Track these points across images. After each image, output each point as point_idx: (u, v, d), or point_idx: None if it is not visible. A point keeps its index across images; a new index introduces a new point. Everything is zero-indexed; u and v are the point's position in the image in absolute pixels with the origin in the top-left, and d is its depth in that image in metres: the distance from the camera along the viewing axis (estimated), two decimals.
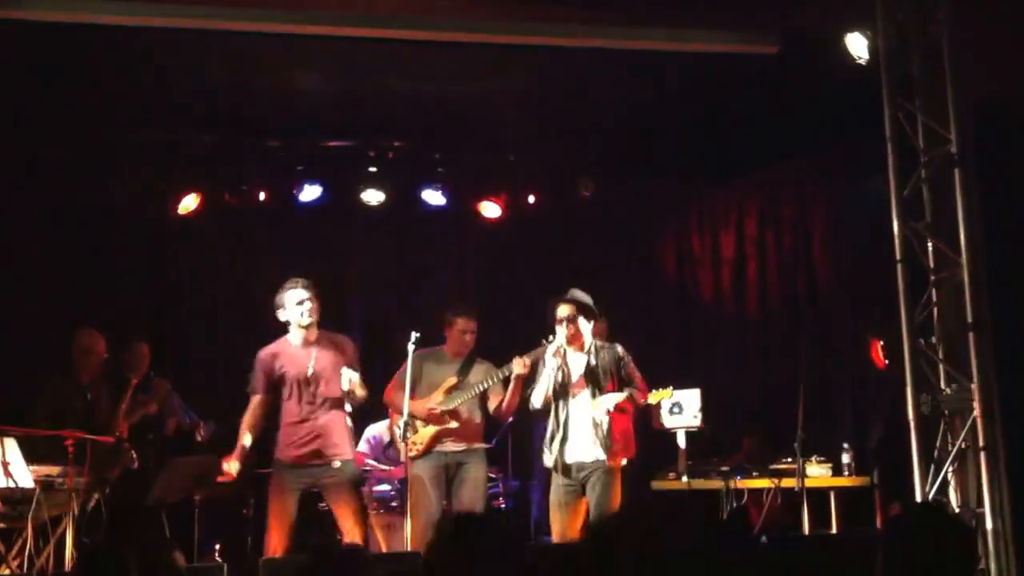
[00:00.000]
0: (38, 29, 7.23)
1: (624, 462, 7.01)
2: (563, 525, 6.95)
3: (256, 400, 6.92)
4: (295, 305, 6.85)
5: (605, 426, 6.90)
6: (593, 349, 7.08)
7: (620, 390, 7.00)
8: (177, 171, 9.39)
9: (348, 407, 7.00)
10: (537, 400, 7.10)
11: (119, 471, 7.22)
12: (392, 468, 8.12)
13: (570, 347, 7.06)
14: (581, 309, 7.07)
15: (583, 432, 6.96)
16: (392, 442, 7.71)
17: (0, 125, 8.12)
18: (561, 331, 7.00)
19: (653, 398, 7.09)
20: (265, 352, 6.94)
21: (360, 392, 6.84)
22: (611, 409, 6.90)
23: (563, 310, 7.05)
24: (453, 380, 7.39)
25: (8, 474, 6.25)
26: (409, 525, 6.73)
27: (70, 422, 7.05)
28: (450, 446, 7.34)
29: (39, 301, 8.66)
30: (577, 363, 7.08)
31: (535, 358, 7.14)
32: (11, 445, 6.37)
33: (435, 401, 7.31)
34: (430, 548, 3.17)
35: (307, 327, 6.89)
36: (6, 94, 7.84)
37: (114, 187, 9.14)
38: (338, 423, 6.91)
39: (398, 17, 7.44)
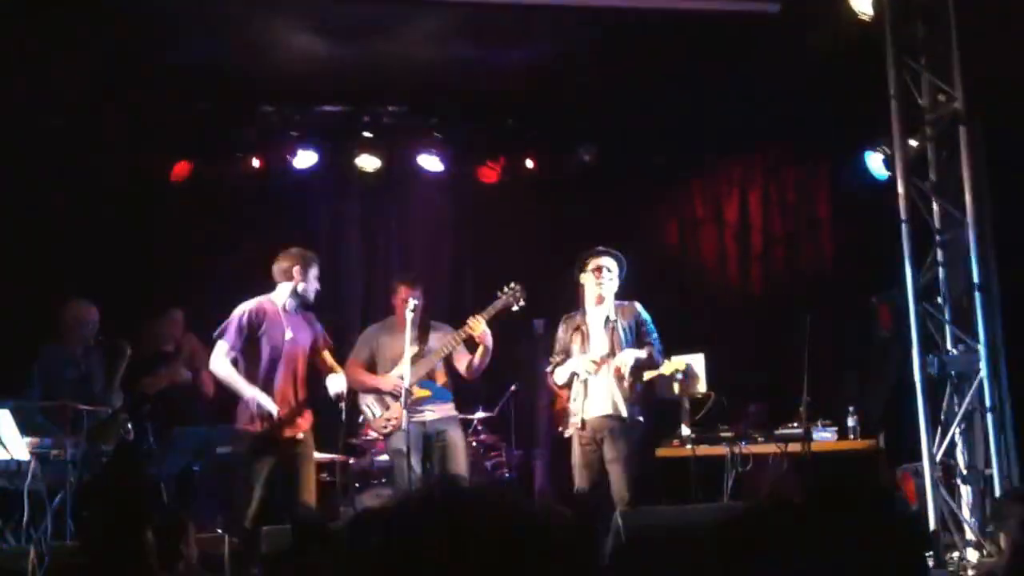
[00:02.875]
0: None
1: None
2: (589, 485, 6.89)
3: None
4: (314, 280, 6.80)
5: (626, 383, 6.84)
6: (613, 305, 7.01)
7: (640, 348, 6.94)
8: (169, 138, 9.26)
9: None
10: (561, 379, 7.04)
11: (115, 443, 7.16)
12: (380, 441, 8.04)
13: (593, 300, 6.98)
14: (614, 259, 7.02)
15: (603, 389, 6.88)
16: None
17: None
18: (590, 280, 6.94)
19: (667, 368, 7.04)
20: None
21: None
22: (630, 364, 6.82)
23: (600, 260, 6.99)
24: (414, 349, 7.27)
25: (3, 446, 6.19)
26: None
27: (64, 393, 7.00)
28: (427, 415, 7.28)
29: (31, 271, 8.56)
30: (597, 318, 7.00)
31: (494, 311, 7.12)
32: (5, 416, 6.31)
33: (401, 373, 7.17)
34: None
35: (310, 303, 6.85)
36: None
37: (106, 154, 9.00)
38: None
39: None
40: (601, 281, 6.97)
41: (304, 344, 6.79)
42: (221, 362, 6.65)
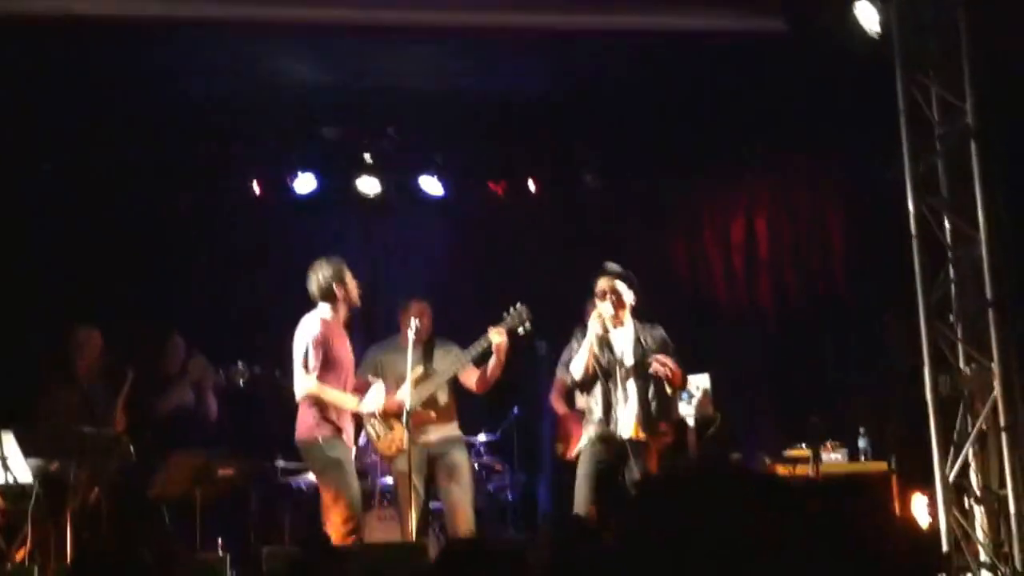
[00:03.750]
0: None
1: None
2: (587, 499, 6.77)
3: None
4: (352, 285, 6.91)
5: (655, 405, 6.77)
6: (638, 326, 6.94)
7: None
8: (170, 164, 9.21)
9: None
10: (577, 372, 6.91)
11: (117, 466, 7.10)
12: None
13: (611, 321, 6.91)
14: (622, 279, 6.94)
15: (630, 408, 6.79)
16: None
17: None
18: (605, 305, 6.86)
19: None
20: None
21: None
22: (661, 373, 6.75)
23: (604, 282, 6.92)
24: (419, 370, 7.21)
25: (7, 469, 6.14)
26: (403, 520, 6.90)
27: (67, 417, 6.96)
28: (431, 436, 7.21)
29: (34, 297, 8.57)
30: (622, 337, 6.92)
31: (509, 326, 7.09)
32: (9, 440, 6.28)
33: (405, 395, 7.09)
34: None
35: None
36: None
37: (113, 184, 8.98)
38: None
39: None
40: (607, 305, 6.90)
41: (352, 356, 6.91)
42: (314, 387, 6.66)
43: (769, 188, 9.83)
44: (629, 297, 6.95)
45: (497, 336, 7.06)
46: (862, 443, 7.88)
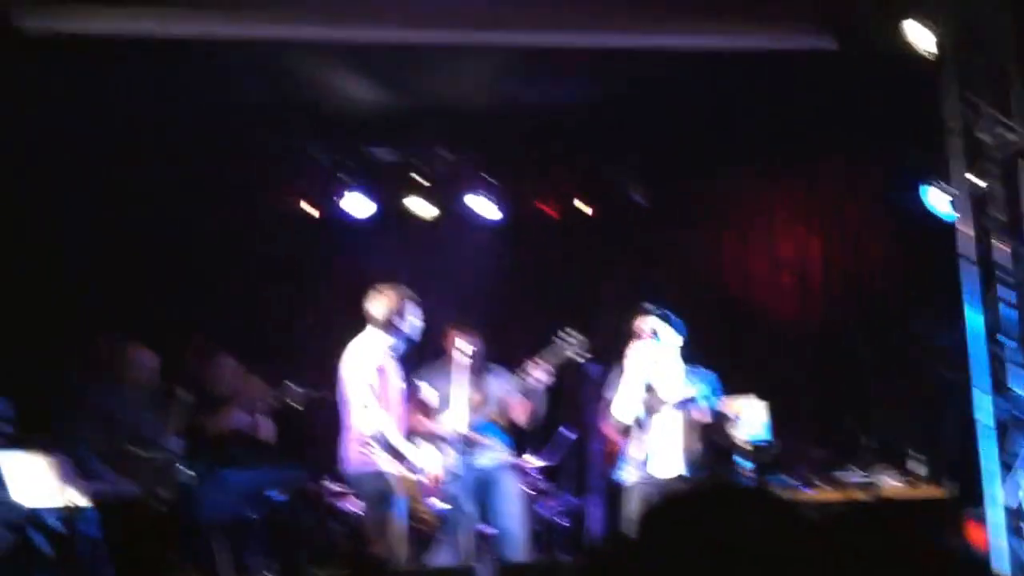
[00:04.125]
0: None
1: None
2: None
3: None
4: (415, 320, 6.79)
5: (697, 447, 6.73)
6: (682, 367, 6.93)
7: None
8: (223, 184, 9.32)
9: None
10: (621, 410, 6.92)
11: (169, 487, 7.15)
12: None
13: (657, 361, 6.89)
14: (661, 318, 6.93)
15: (671, 448, 6.76)
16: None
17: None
18: (643, 344, 6.85)
19: (724, 411, 6.97)
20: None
21: None
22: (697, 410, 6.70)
23: (642, 322, 6.90)
24: (470, 395, 7.23)
25: (60, 492, 6.22)
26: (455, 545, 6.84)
27: (119, 437, 7.03)
28: (483, 461, 7.20)
29: (88, 315, 8.64)
30: (663, 378, 6.90)
31: (553, 358, 7.05)
32: (61, 461, 6.34)
33: (458, 418, 7.11)
34: None
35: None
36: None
37: (162, 201, 9.07)
38: None
39: (444, 20, 7.31)
40: (645, 340, 6.89)
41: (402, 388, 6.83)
42: (383, 424, 6.58)
43: (819, 205, 9.73)
44: (669, 337, 6.92)
45: (538, 371, 7.02)
46: (914, 465, 7.77)
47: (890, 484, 7.70)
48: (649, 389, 6.86)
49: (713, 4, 7.27)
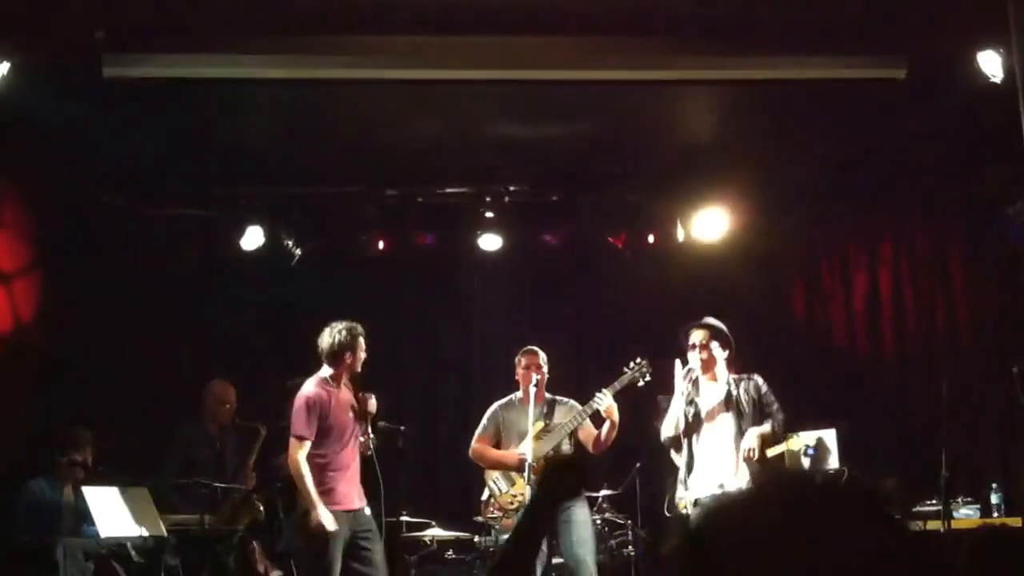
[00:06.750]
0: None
1: None
2: None
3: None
4: (362, 352, 6.73)
5: (744, 462, 6.68)
6: (731, 380, 6.87)
7: (762, 423, 6.78)
8: (296, 222, 9.44)
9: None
10: (668, 430, 6.90)
11: (247, 522, 7.21)
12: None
13: (703, 375, 6.86)
14: (715, 334, 6.89)
15: (722, 466, 6.73)
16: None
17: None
18: (694, 357, 6.83)
19: (796, 443, 6.88)
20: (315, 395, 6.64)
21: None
22: (758, 445, 6.65)
23: (696, 335, 6.89)
24: (541, 424, 7.23)
25: (140, 524, 6.28)
26: None
27: (199, 472, 7.09)
28: None
29: (167, 351, 8.77)
30: (713, 393, 6.88)
31: (620, 386, 7.09)
32: (143, 495, 6.42)
33: (526, 448, 7.11)
34: None
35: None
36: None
37: (235, 238, 9.20)
38: None
39: (514, 59, 7.34)
40: (696, 357, 6.86)
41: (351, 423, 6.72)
42: (301, 461, 6.46)
43: (891, 233, 9.64)
44: (720, 351, 6.89)
45: (604, 400, 7.03)
46: (995, 498, 7.65)
47: (968, 516, 7.59)
48: (694, 405, 6.83)
49: (781, 33, 7.25)
